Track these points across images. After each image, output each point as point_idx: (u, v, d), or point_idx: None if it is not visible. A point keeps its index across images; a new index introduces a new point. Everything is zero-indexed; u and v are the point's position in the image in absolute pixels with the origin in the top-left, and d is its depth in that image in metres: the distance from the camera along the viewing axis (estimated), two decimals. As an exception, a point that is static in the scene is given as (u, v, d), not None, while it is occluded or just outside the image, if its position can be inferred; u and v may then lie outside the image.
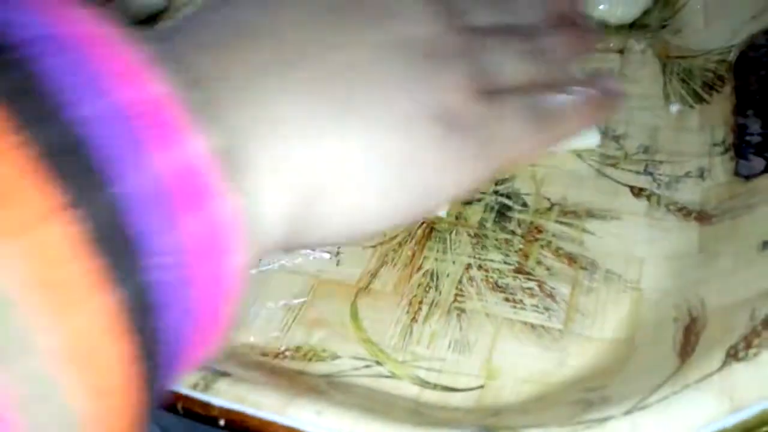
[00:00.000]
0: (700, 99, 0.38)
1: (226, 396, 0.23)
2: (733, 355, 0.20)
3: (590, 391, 0.23)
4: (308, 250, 0.34)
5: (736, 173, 0.32)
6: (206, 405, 0.22)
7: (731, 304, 0.24)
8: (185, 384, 0.24)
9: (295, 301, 0.32)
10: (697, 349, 0.22)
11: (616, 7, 0.42)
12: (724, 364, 0.20)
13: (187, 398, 0.23)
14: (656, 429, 0.19)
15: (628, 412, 0.20)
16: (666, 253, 0.30)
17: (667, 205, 0.32)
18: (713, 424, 0.19)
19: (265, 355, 0.29)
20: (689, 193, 0.32)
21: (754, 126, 0.35)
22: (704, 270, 0.27)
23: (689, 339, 0.23)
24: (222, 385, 0.23)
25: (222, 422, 0.22)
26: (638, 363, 0.24)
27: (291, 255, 0.34)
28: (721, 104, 0.37)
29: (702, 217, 0.31)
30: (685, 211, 0.32)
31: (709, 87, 0.38)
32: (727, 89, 0.37)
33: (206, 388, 0.23)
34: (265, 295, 0.32)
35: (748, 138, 0.35)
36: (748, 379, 0.19)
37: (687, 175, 0.33)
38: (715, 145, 0.35)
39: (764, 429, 0.18)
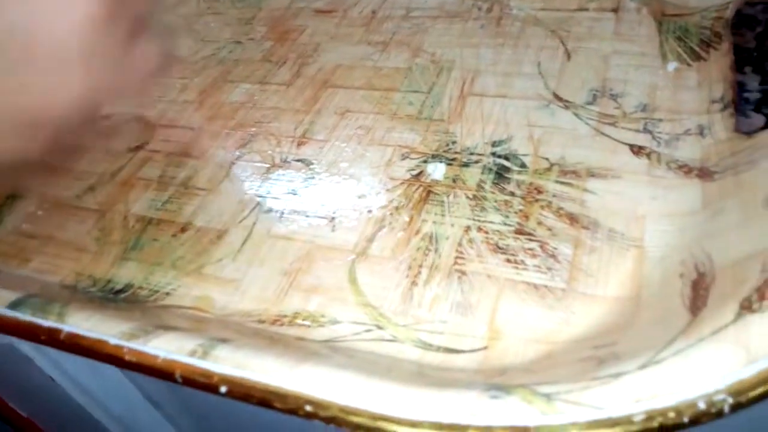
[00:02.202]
0: (697, 57, 0.37)
1: (226, 363, 0.22)
2: (746, 307, 0.20)
3: (599, 348, 0.23)
4: (302, 217, 0.33)
5: (737, 130, 0.32)
6: (206, 373, 0.21)
7: (741, 258, 0.23)
8: (182, 351, 0.23)
9: (291, 268, 0.31)
10: (708, 303, 0.22)
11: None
12: (738, 316, 0.20)
13: (185, 366, 0.22)
14: (672, 383, 0.18)
15: (642, 367, 0.19)
16: (668, 211, 0.29)
17: (667, 162, 0.32)
18: (730, 376, 0.18)
19: (262, 322, 0.29)
20: (690, 151, 0.32)
21: (753, 83, 0.35)
22: (709, 226, 0.27)
23: (698, 293, 0.23)
24: (222, 351, 0.23)
25: (224, 389, 0.21)
26: (646, 319, 0.24)
27: (284, 222, 0.33)
28: (719, 61, 0.36)
29: (704, 173, 0.30)
30: (686, 169, 0.31)
31: (707, 44, 0.38)
32: (725, 46, 0.37)
33: (205, 355, 0.23)
34: (259, 262, 0.32)
35: (746, 95, 0.34)
36: (763, 329, 0.19)
37: (687, 132, 0.33)
38: (713, 102, 0.34)
39: (781, 379, 0.18)
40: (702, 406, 0.17)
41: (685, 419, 0.17)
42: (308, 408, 0.20)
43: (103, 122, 0.44)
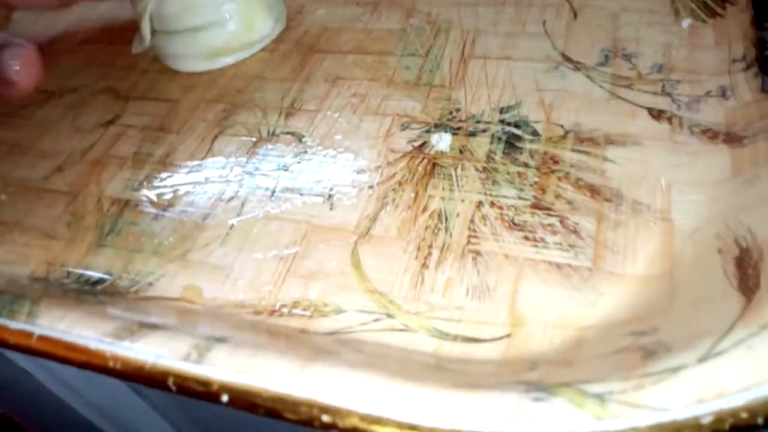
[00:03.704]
0: (713, 13, 0.35)
1: (226, 366, 0.19)
2: (812, 288, 0.18)
3: (640, 336, 0.21)
4: (296, 195, 0.30)
5: (764, 90, 0.30)
6: (204, 380, 0.19)
7: (790, 231, 0.21)
8: (174, 355, 0.20)
9: (287, 251, 0.28)
10: (762, 284, 0.20)
11: None
12: (803, 298, 0.18)
13: (179, 373, 0.19)
14: (738, 377, 0.16)
15: (702, 360, 0.17)
16: (696, 179, 0.27)
17: (690, 127, 0.29)
18: (802, 368, 0.16)
19: (258, 313, 0.26)
20: (713, 114, 0.30)
21: (773, 40, 0.32)
22: (744, 196, 0.25)
23: (746, 272, 0.21)
24: (219, 353, 0.20)
25: (225, 398, 0.18)
26: (688, 301, 0.22)
27: (276, 201, 0.30)
28: (738, 17, 0.34)
29: (731, 138, 0.28)
30: (710, 134, 0.29)
31: (722, -1, 0.35)
32: (743, 0, 0.34)
33: (200, 358, 0.20)
34: (250, 246, 0.29)
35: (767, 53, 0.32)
36: (835, 314, 0.17)
37: (708, 94, 0.31)
38: (735, 61, 0.32)
39: None
40: (778, 404, 0.15)
41: (760, 420, 0.15)
42: (324, 418, 0.17)
43: (69, 95, 0.40)
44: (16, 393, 0.54)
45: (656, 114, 0.30)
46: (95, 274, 0.29)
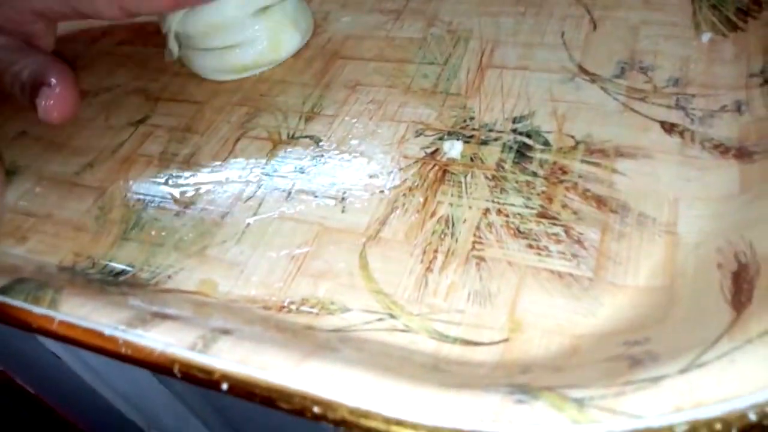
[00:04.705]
0: (734, 27, 0.35)
1: (229, 357, 0.20)
2: (800, 305, 0.18)
3: (631, 346, 0.21)
4: (311, 197, 0.31)
5: (779, 106, 0.30)
6: (207, 369, 0.20)
7: (788, 248, 0.21)
8: (182, 344, 0.21)
9: (298, 251, 0.29)
10: (754, 299, 0.20)
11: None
12: (790, 315, 0.18)
13: (184, 361, 0.20)
14: (718, 389, 0.17)
15: (684, 371, 0.17)
16: (703, 194, 0.27)
17: (702, 141, 0.29)
18: (782, 383, 0.16)
19: (268, 308, 0.27)
20: (726, 129, 0.30)
21: (795, 55, 0.32)
22: (749, 212, 0.25)
23: (741, 287, 0.21)
24: (223, 344, 0.21)
25: (225, 386, 0.20)
26: (682, 314, 0.22)
27: (291, 202, 0.31)
28: (759, 31, 0.34)
29: (741, 154, 0.28)
30: (722, 148, 0.29)
31: (744, 13, 0.35)
32: (766, 15, 0.34)
33: (206, 348, 0.21)
34: (265, 245, 0.30)
35: (787, 68, 0.32)
36: (820, 331, 0.17)
37: (723, 109, 0.31)
38: (752, 76, 0.32)
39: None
40: (752, 417, 0.16)
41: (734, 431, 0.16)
42: (315, 409, 0.18)
43: (103, 94, 0.42)
44: (48, 376, 0.57)
45: (668, 128, 0.30)
46: (118, 266, 0.31)
